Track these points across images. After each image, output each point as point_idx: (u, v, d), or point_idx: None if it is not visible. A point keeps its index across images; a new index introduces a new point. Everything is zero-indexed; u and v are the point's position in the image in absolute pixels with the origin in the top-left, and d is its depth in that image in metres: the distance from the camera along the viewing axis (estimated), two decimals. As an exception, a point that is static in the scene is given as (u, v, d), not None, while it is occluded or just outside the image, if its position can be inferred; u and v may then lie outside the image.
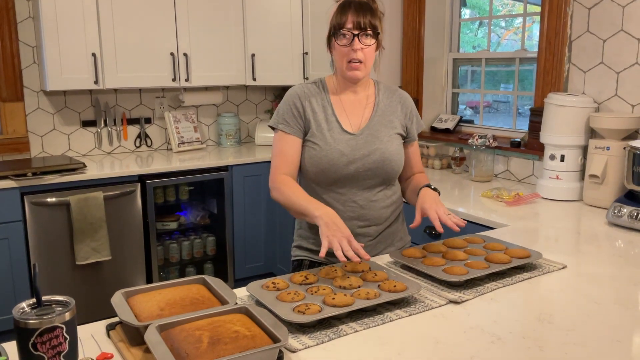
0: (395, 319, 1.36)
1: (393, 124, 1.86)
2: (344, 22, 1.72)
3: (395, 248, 1.93)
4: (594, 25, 2.65)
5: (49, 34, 3.34)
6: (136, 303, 1.34)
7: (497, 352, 1.21)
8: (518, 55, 3.31)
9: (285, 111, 1.81)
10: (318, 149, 1.78)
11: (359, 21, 1.70)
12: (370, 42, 1.73)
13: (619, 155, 2.42)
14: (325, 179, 1.80)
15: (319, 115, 1.80)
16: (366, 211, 1.83)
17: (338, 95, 1.84)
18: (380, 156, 1.80)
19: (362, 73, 1.77)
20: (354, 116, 1.83)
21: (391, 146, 1.83)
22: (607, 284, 1.61)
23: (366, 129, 1.82)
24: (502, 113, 5.25)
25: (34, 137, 3.69)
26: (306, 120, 1.80)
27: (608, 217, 2.22)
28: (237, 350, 1.10)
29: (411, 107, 1.93)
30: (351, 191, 1.81)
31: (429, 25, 3.62)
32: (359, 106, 1.85)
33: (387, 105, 1.88)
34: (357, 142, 1.79)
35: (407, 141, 1.93)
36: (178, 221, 3.83)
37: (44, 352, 1.00)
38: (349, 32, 1.71)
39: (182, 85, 3.80)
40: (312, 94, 1.83)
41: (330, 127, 1.80)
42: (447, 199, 2.69)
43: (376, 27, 1.73)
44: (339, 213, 1.79)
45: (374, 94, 1.89)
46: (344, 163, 1.77)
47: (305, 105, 1.80)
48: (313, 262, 1.89)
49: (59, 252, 3.22)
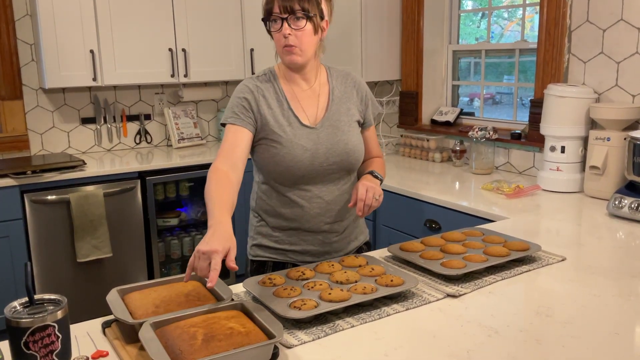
0: (392, 314, 1.36)
1: (351, 111, 1.80)
2: (271, 7, 1.65)
3: (360, 242, 1.90)
4: (593, 15, 2.63)
5: (47, 32, 3.34)
6: (131, 300, 1.34)
7: (494, 346, 1.20)
8: (518, 47, 3.28)
9: (235, 104, 1.71)
10: (279, 146, 1.69)
11: (286, 5, 1.63)
12: (301, 25, 1.64)
13: (619, 146, 2.40)
14: (290, 177, 1.72)
15: (275, 110, 1.72)
16: (332, 206, 1.77)
17: (290, 85, 1.76)
18: (343, 148, 1.74)
19: (299, 57, 1.68)
20: (310, 107, 1.76)
21: (353, 136, 1.77)
22: (607, 276, 1.59)
23: (325, 120, 1.75)
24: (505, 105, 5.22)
25: (34, 135, 3.69)
26: (260, 116, 1.70)
27: (609, 208, 2.20)
28: (232, 346, 1.09)
29: (365, 91, 1.86)
30: (316, 187, 1.75)
31: (428, 17, 3.60)
32: (313, 96, 1.77)
33: (342, 92, 1.81)
34: (318, 136, 1.72)
35: (364, 127, 1.87)
36: (179, 217, 3.82)
37: (36, 351, 1.00)
38: (277, 17, 1.65)
39: (181, 81, 3.79)
40: (265, 88, 1.74)
41: (289, 122, 1.72)
42: (448, 193, 2.68)
43: (307, 8, 1.63)
44: (305, 211, 1.75)
45: (327, 81, 1.81)
46: (307, 159, 1.70)
47: (258, 99, 1.72)
48: (277, 264, 1.81)
49: (59, 250, 3.23)
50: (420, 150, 3.55)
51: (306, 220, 1.76)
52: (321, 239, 1.79)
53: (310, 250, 1.80)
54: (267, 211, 1.81)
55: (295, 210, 1.75)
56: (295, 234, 1.78)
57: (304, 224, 1.76)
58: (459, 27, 3.70)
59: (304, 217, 1.75)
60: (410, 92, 3.71)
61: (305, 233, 1.78)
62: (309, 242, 1.79)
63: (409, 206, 2.74)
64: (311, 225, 1.76)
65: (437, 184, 2.90)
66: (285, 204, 1.76)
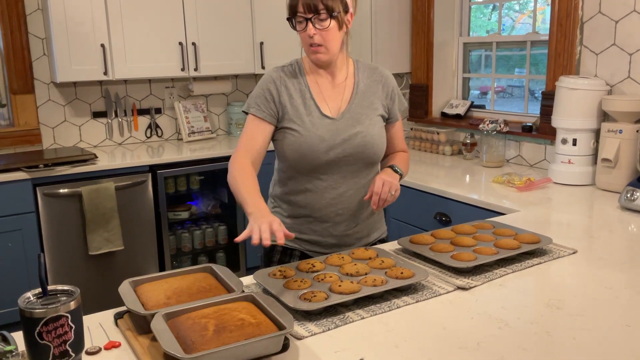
0: (402, 306, 1.36)
1: (374, 105, 1.80)
2: (295, 6, 1.65)
3: (373, 239, 1.88)
4: (605, 6, 2.60)
5: (58, 26, 3.35)
6: (143, 292, 1.35)
7: (504, 338, 1.20)
8: (529, 39, 3.26)
9: (258, 95, 1.75)
10: (297, 135, 1.72)
11: (309, 3, 1.62)
12: (326, 25, 1.65)
13: (631, 139, 2.38)
14: (306, 165, 1.73)
15: (297, 100, 1.74)
16: (345, 199, 1.77)
17: (315, 77, 1.78)
18: (361, 140, 1.74)
19: (325, 56, 1.70)
20: (333, 99, 1.77)
21: (373, 129, 1.77)
22: (619, 269, 1.59)
23: (346, 112, 1.75)
24: (516, 98, 5.20)
25: (46, 129, 3.71)
26: (281, 106, 1.73)
27: (621, 201, 2.19)
28: (243, 337, 1.10)
29: (392, 86, 1.85)
30: (332, 177, 1.75)
31: (438, 9, 3.58)
32: (338, 88, 1.78)
33: (367, 86, 1.81)
34: (337, 127, 1.73)
35: (389, 122, 1.86)
36: (189, 211, 3.84)
37: (50, 341, 1.01)
38: (301, 17, 1.65)
39: (191, 74, 3.80)
40: (288, 77, 1.76)
41: (309, 111, 1.73)
42: (458, 185, 2.68)
43: (331, 7, 1.63)
44: (316, 199, 1.76)
45: (353, 74, 1.81)
46: (324, 149, 1.71)
47: (280, 90, 1.74)
48: (286, 249, 1.83)
49: (71, 243, 3.25)
50: (431, 143, 3.53)
51: (317, 209, 1.77)
52: (331, 231, 1.79)
53: (318, 241, 1.80)
54: (281, 198, 1.84)
55: (307, 196, 1.77)
56: (305, 223, 1.79)
57: (315, 212, 1.77)
58: (469, 20, 3.67)
59: (316, 205, 1.77)
60: (420, 84, 3.69)
61: (316, 223, 1.79)
62: (318, 232, 1.79)
63: (419, 199, 2.74)
64: (322, 214, 1.77)
65: (448, 177, 2.89)
66: (299, 191, 1.78)
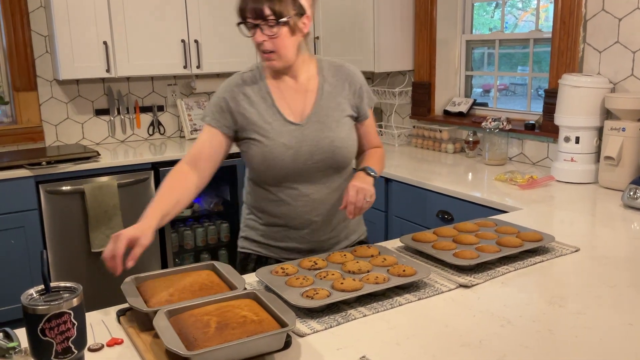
0: (405, 303, 1.36)
1: (341, 106, 1.71)
2: (243, 10, 1.56)
3: (351, 242, 1.84)
4: (609, 4, 2.59)
5: (61, 23, 3.35)
6: (146, 289, 1.36)
7: (506, 336, 1.20)
8: (532, 36, 3.25)
9: (215, 104, 1.68)
10: (261, 145, 1.64)
11: (255, 8, 1.53)
12: (275, 32, 1.55)
13: (634, 137, 2.37)
14: (273, 175, 1.66)
15: (258, 107, 1.65)
16: (320, 205, 1.71)
17: (276, 81, 1.69)
18: (329, 146, 1.66)
19: (278, 63, 1.61)
20: (296, 103, 1.68)
21: (341, 133, 1.69)
22: (622, 267, 1.58)
23: (312, 116, 1.67)
24: (519, 96, 5.19)
25: (48, 126, 3.72)
26: (240, 116, 1.65)
27: (623, 199, 2.18)
28: (245, 334, 1.10)
29: (360, 83, 1.76)
30: (303, 185, 1.68)
31: (441, 7, 3.57)
32: (300, 91, 1.69)
33: (333, 86, 1.72)
34: (303, 133, 1.65)
35: (359, 120, 1.78)
36: (192, 208, 3.84)
37: (53, 337, 1.01)
38: (251, 22, 1.56)
39: (194, 72, 3.80)
40: (248, 84, 1.68)
41: (272, 119, 1.65)
42: (460, 183, 2.67)
43: (279, 12, 1.53)
44: (291, 209, 1.69)
45: (316, 74, 1.72)
46: (290, 157, 1.63)
47: (238, 98, 1.66)
48: (261, 257, 1.79)
49: (74, 240, 3.26)
50: (433, 141, 3.53)
51: (292, 218, 1.72)
52: (308, 238, 1.75)
53: (295, 247, 1.76)
54: (255, 206, 1.78)
55: (282, 207, 1.71)
56: (281, 231, 1.75)
57: (290, 221, 1.72)
58: (472, 17, 3.66)
59: (290, 214, 1.71)
60: (423, 82, 3.69)
61: (291, 230, 1.74)
62: (295, 240, 1.75)
63: (421, 197, 2.74)
64: (297, 223, 1.72)
65: (450, 175, 2.89)
66: (272, 201, 1.72)
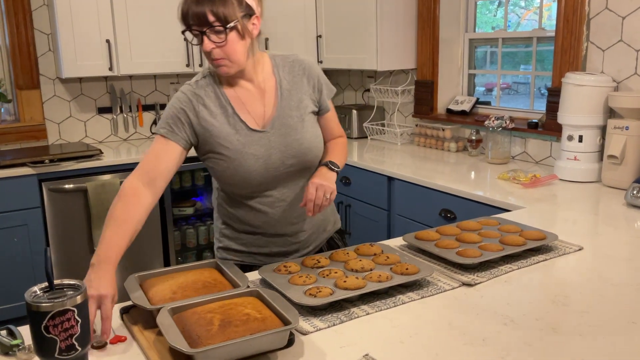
0: (408, 302, 1.36)
1: (303, 103, 1.64)
2: (186, 16, 1.46)
3: (330, 233, 1.82)
4: (612, 2, 2.58)
5: (63, 22, 3.36)
6: (149, 287, 1.36)
7: (509, 334, 1.20)
8: (535, 35, 3.24)
9: (170, 115, 1.55)
10: (228, 159, 1.56)
11: (198, 14, 1.43)
12: (222, 38, 1.46)
13: (638, 135, 2.37)
14: (247, 187, 1.61)
15: (220, 118, 1.56)
16: (296, 206, 1.67)
17: (232, 88, 1.60)
18: (298, 148, 1.61)
19: (231, 69, 1.52)
20: (257, 108, 1.60)
21: (307, 132, 1.63)
22: (625, 266, 1.58)
23: (276, 120, 1.60)
24: (522, 94, 5.18)
25: (51, 125, 3.72)
26: (203, 128, 1.56)
27: (627, 198, 2.18)
28: (248, 332, 1.10)
29: (317, 75, 1.68)
30: (277, 190, 1.64)
31: (444, 5, 3.57)
32: (259, 94, 1.61)
33: (291, 83, 1.64)
34: (269, 140, 1.58)
35: (320, 114, 1.71)
36: (194, 206, 3.85)
37: (56, 334, 1.01)
38: (196, 30, 1.46)
39: (196, 70, 3.80)
40: (206, 94, 1.57)
41: (235, 129, 1.56)
42: (463, 182, 2.67)
43: (224, 17, 1.43)
44: (269, 217, 1.66)
45: (272, 73, 1.64)
46: (261, 167, 1.57)
47: (198, 110, 1.55)
48: (242, 266, 1.72)
49: (77, 238, 3.27)
50: (436, 139, 3.53)
51: (271, 226, 1.69)
52: (290, 240, 1.73)
53: (278, 251, 1.74)
54: (230, 217, 1.73)
55: (259, 216, 1.67)
56: (262, 237, 1.72)
57: (269, 229, 1.70)
58: (475, 16, 3.66)
59: (269, 222, 1.68)
60: (425, 81, 3.68)
61: (273, 237, 1.72)
62: (277, 243, 1.73)
63: (424, 196, 2.73)
64: (277, 229, 1.70)
65: (453, 174, 2.88)
66: (248, 211, 1.68)
